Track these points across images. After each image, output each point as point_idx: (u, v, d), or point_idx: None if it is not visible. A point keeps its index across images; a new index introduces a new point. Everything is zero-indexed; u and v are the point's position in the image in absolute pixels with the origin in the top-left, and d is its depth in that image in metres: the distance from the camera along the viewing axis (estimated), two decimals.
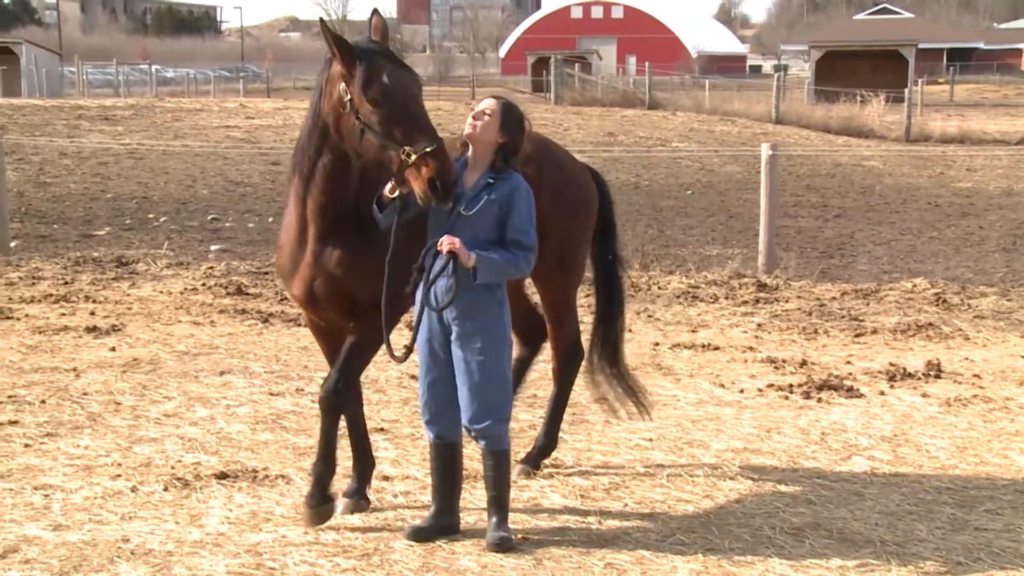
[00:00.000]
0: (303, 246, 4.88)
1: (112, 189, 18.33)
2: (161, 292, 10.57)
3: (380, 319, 4.78)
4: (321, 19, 4.81)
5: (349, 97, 4.54)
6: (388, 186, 4.65)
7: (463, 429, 4.92)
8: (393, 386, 7.46)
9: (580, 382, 6.11)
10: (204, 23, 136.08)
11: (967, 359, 8.33)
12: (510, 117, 4.83)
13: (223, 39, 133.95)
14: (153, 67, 61.49)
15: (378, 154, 4.53)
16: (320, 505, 5.02)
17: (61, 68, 55.11)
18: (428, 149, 4.40)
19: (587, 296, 7.56)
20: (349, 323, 4.97)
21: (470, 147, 4.85)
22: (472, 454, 5.68)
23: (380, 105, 4.46)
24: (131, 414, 6.79)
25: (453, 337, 4.80)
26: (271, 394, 7.22)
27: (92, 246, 13.32)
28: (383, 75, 4.48)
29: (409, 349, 4.86)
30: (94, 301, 10.10)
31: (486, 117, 4.79)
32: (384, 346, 4.76)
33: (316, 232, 4.83)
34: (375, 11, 4.78)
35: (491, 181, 4.75)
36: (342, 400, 5.03)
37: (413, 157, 4.40)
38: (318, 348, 8.12)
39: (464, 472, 5.12)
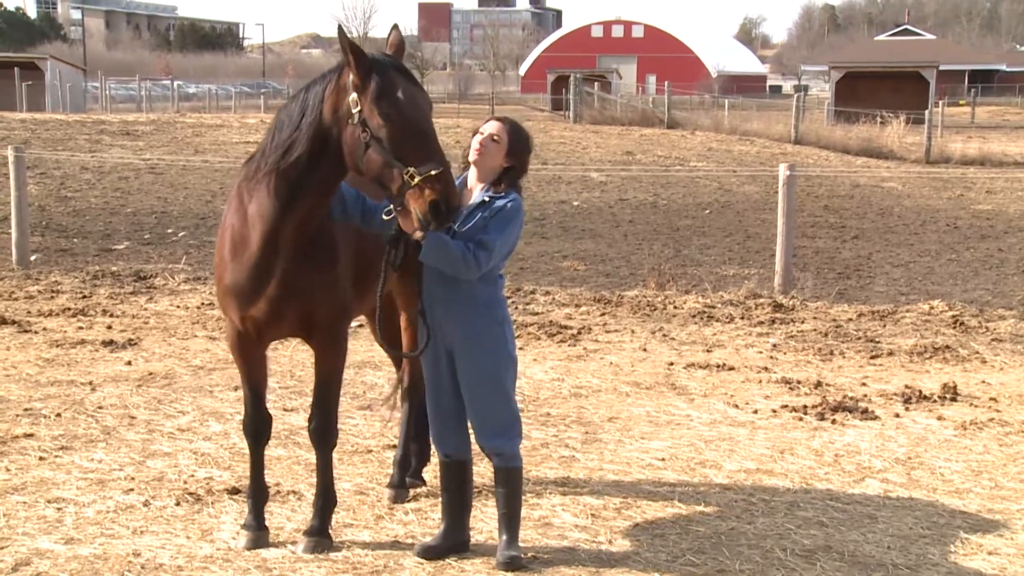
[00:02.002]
0: (271, 264, 4.70)
1: (132, 204, 18.47)
2: (178, 307, 10.63)
3: (340, 334, 4.91)
4: (339, 26, 4.74)
5: (359, 108, 4.40)
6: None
7: (477, 446, 4.93)
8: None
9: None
10: (227, 39, 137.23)
11: (984, 382, 8.28)
12: (518, 141, 4.77)
13: (245, 55, 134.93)
14: (175, 83, 61.99)
15: (379, 171, 4.38)
16: (325, 537, 5.06)
17: (85, 83, 55.64)
18: (434, 172, 4.25)
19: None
20: (310, 339, 4.96)
21: (472, 167, 4.84)
22: (483, 471, 5.69)
23: (391, 120, 4.33)
24: (145, 428, 6.82)
25: (456, 358, 4.80)
26: (284, 410, 7.24)
27: (111, 260, 13.42)
28: (398, 90, 4.37)
29: (427, 340, 4.82)
30: (111, 315, 10.17)
31: (493, 143, 4.74)
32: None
33: (290, 250, 4.69)
34: (395, 26, 4.66)
35: (487, 199, 4.72)
36: (335, 431, 5.09)
37: (417, 179, 4.26)
38: None
39: (474, 489, 5.13)
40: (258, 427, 5.12)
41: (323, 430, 5.05)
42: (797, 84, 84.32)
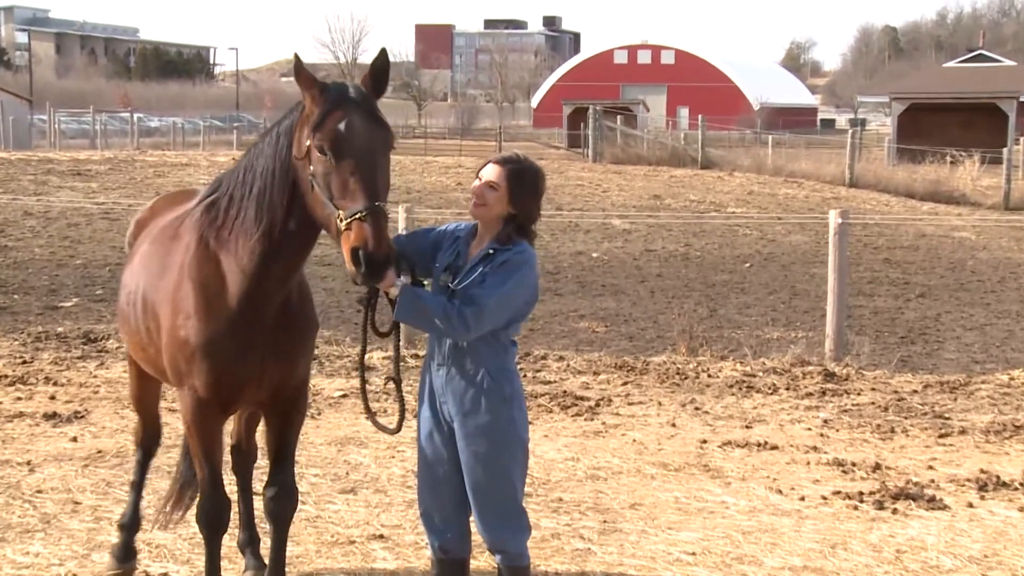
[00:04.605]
0: (253, 322, 4.78)
1: (82, 255, 18.62)
2: None
3: (307, 395, 5.13)
4: (295, 54, 4.85)
5: (309, 142, 4.48)
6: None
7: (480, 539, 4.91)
8: (396, 486, 7.48)
9: None
10: (195, 66, 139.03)
11: None
12: (520, 186, 4.76)
13: (216, 84, 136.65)
14: (135, 115, 62.69)
15: (321, 214, 4.45)
16: None
17: (31, 116, 56.35)
18: (359, 214, 4.27)
19: None
20: (276, 403, 5.06)
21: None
22: (484, 565, 5.67)
23: (324, 153, 4.40)
24: (91, 516, 6.83)
25: (457, 436, 4.81)
26: (256, 493, 7.23)
27: (57, 320, 13.50)
28: (340, 121, 4.42)
29: (401, 417, 4.91)
30: (55, 383, 10.21)
31: (491, 191, 4.75)
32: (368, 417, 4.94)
33: (272, 305, 4.79)
34: (382, 51, 4.68)
35: (491, 252, 4.75)
36: (296, 501, 5.23)
37: (344, 221, 4.29)
38: (308, 440, 8.25)
39: None
40: (217, 513, 5.15)
41: (286, 501, 5.14)
42: (853, 118, 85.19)
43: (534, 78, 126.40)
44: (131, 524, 6.07)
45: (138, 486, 6.20)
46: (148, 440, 6.28)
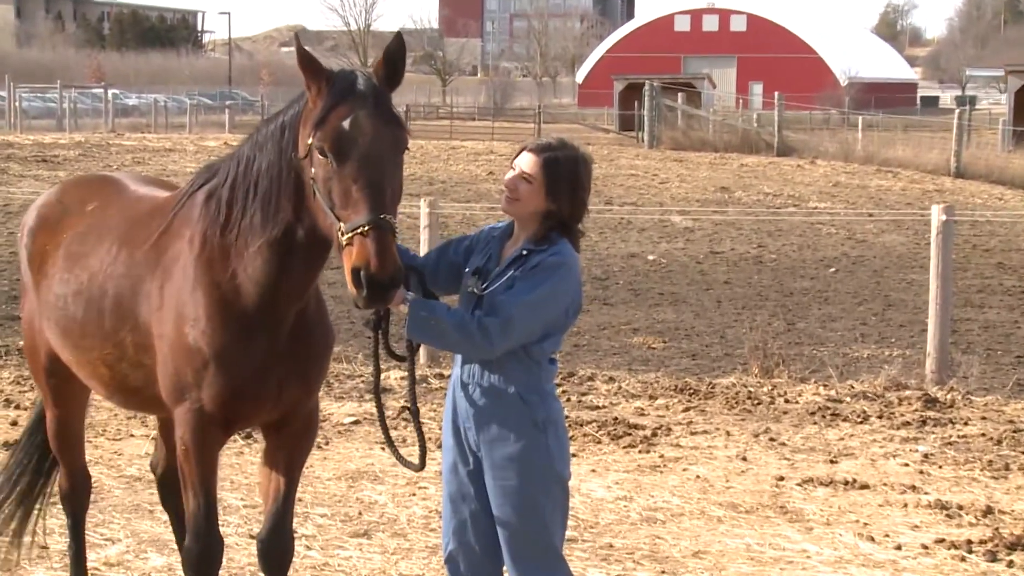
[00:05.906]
0: (272, 332, 4.93)
1: None
2: None
3: (317, 420, 5.24)
4: (296, 34, 4.91)
5: (310, 141, 4.56)
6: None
7: None
8: (417, 529, 7.52)
9: None
10: (180, 34, 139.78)
11: None
12: (556, 179, 4.75)
13: (205, 55, 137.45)
14: (109, 92, 63.17)
15: (324, 223, 4.56)
16: None
17: None
18: (361, 228, 4.35)
19: None
20: (287, 425, 5.17)
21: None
22: None
23: (324, 155, 4.48)
24: (60, 562, 6.88)
25: (484, 468, 4.85)
26: (251, 536, 7.29)
27: (18, 331, 13.61)
28: (346, 118, 4.49)
29: (422, 451, 4.97)
30: (17, 407, 10.31)
31: (525, 183, 4.77)
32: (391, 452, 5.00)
33: (290, 319, 4.94)
34: (397, 35, 4.74)
35: (524, 253, 4.77)
36: (294, 544, 5.32)
37: (346, 236, 4.37)
38: (315, 475, 8.31)
39: None
40: (209, 553, 5.20)
41: (286, 542, 5.22)
42: (960, 95, 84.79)
43: (580, 48, 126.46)
44: None
45: (78, 556, 6.22)
46: (76, 495, 6.23)
